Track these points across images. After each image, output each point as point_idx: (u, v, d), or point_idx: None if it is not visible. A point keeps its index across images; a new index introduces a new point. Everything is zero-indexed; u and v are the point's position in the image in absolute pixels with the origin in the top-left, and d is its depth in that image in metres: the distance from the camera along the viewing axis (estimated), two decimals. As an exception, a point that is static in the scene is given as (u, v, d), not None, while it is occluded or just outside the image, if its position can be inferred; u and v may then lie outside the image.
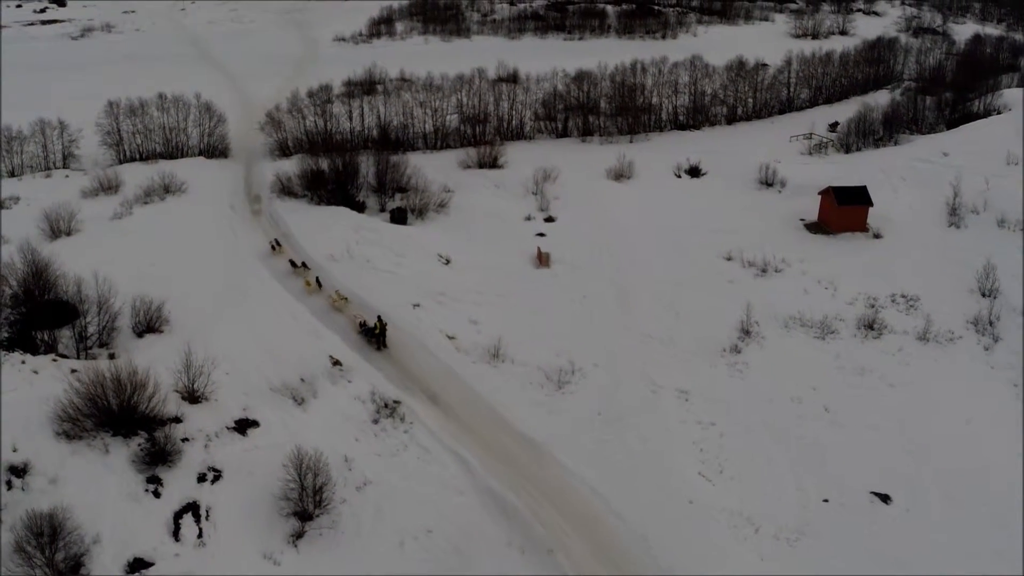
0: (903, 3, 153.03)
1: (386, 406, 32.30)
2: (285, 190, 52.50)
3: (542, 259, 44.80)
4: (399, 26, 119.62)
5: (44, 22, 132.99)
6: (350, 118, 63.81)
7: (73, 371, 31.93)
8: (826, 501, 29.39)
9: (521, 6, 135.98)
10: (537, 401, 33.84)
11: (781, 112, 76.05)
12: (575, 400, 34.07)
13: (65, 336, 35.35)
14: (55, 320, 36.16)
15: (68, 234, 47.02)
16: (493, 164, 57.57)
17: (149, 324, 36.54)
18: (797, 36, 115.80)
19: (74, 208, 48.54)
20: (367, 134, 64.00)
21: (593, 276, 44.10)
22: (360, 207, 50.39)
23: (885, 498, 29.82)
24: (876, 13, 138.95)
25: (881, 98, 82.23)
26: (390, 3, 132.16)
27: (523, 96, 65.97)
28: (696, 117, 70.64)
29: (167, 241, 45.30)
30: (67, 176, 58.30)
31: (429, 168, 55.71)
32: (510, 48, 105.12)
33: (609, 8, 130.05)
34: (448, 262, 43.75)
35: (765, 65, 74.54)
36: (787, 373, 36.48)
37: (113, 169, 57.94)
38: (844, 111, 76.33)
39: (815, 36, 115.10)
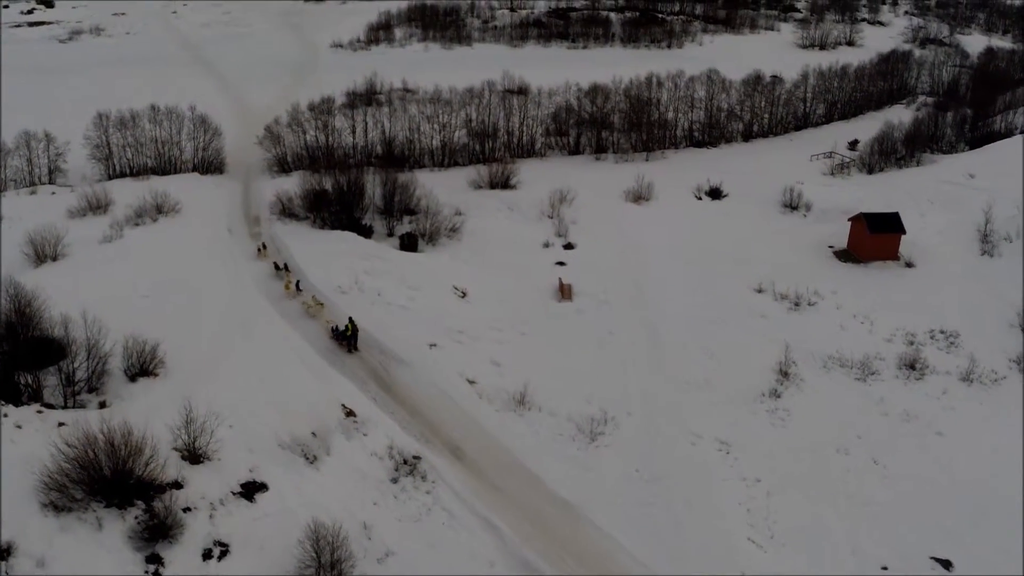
0: (907, 13, 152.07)
1: (405, 463, 29.60)
2: (286, 211, 49.58)
3: (564, 292, 42.22)
4: (398, 32, 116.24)
5: (31, 24, 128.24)
6: (353, 133, 60.84)
7: (61, 424, 29.00)
8: (885, 569, 27.27)
9: (523, 12, 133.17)
10: (569, 456, 31.35)
11: (797, 128, 73.93)
12: (610, 454, 31.63)
13: (51, 381, 32.33)
14: (40, 360, 33.15)
15: (54, 259, 43.90)
16: (505, 184, 54.82)
17: (143, 367, 33.51)
18: (805, 47, 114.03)
19: (60, 230, 45.23)
20: (371, 149, 61.14)
21: (619, 310, 41.62)
22: (367, 231, 47.50)
23: (947, 564, 27.71)
24: (881, 23, 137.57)
25: (897, 114, 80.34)
26: (388, 7, 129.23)
27: (535, 111, 63.11)
28: (712, 133, 68.32)
29: (161, 269, 42.20)
30: (53, 193, 55.04)
31: (437, 187, 53.04)
32: (513, 56, 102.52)
33: (613, 16, 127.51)
34: (464, 295, 41.01)
35: (780, 79, 72.31)
36: (830, 420, 34.54)
37: (102, 185, 54.80)
38: (861, 127, 74.48)
39: (823, 47, 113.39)
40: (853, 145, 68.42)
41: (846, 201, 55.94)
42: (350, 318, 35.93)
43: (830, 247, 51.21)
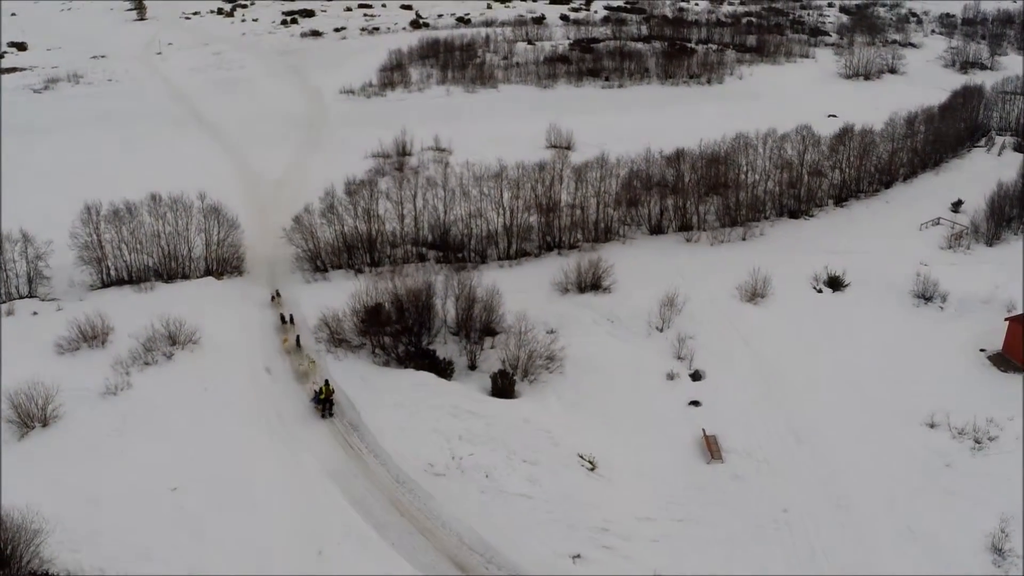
0: (935, 32, 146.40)
1: None
2: (335, 338, 39.81)
3: (712, 449, 33.22)
4: (414, 73, 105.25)
5: (2, 70, 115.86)
6: (401, 220, 51.21)
7: None
8: None
9: (544, 45, 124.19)
10: None
11: (886, 185, 65.81)
12: None
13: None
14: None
15: (44, 424, 33.98)
16: (597, 286, 45.58)
17: (189, 629, 24.13)
18: (848, 76, 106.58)
19: (49, 382, 34.83)
20: (421, 236, 51.68)
21: (783, 472, 32.69)
22: (445, 369, 37.72)
23: None
24: (913, 44, 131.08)
25: (982, 161, 73.01)
26: (396, 41, 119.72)
27: (611, 184, 53.69)
28: (799, 197, 59.91)
29: (188, 441, 32.39)
30: (35, 313, 44.55)
31: (513, 292, 43.59)
32: (546, 100, 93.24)
33: (643, 47, 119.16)
34: (593, 467, 31.74)
35: (871, 131, 64.16)
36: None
37: (95, 301, 44.62)
38: (954, 182, 66.69)
39: (867, 76, 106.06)
40: (957, 207, 60.48)
41: (981, 286, 47.78)
42: (327, 380, 35.23)
43: (982, 350, 43.01)
